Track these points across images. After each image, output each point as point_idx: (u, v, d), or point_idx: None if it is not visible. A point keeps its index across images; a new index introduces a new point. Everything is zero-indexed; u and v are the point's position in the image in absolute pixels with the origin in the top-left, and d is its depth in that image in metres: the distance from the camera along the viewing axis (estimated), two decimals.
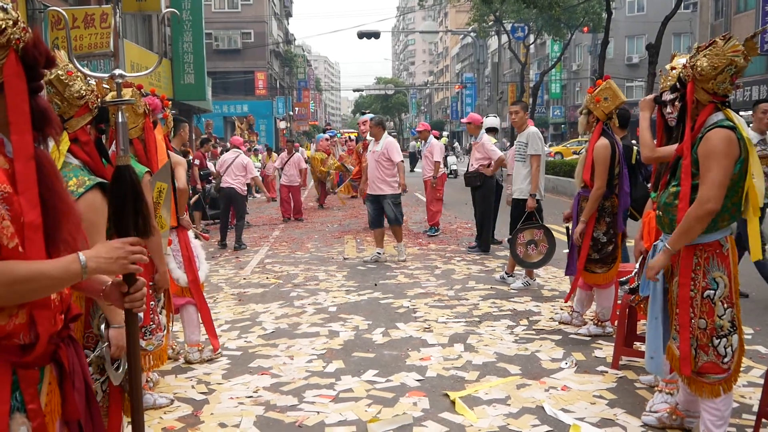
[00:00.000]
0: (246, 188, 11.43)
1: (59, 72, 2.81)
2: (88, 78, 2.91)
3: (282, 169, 15.24)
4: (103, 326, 2.84)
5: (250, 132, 17.76)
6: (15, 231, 1.63)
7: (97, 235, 2.48)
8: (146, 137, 3.96)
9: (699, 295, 3.25)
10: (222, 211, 11.50)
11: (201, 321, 5.14)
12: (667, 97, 3.61)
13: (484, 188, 9.53)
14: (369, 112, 13.69)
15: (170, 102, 4.98)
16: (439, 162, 11.62)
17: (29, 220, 1.65)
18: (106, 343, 2.78)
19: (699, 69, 3.17)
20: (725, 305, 3.24)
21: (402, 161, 9.35)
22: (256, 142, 22.15)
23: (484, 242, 9.74)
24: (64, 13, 2.28)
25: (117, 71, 2.13)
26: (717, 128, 3.15)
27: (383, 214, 9.32)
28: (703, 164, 3.14)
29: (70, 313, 1.89)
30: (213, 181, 11.86)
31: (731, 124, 3.17)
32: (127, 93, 3.67)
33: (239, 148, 11.37)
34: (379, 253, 9.28)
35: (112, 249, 1.80)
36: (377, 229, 9.46)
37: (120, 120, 2.07)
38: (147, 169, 3.76)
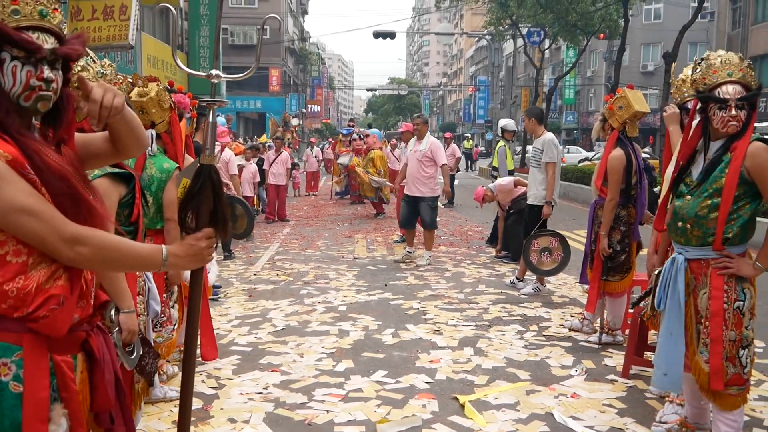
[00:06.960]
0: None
1: (93, 66, 2.83)
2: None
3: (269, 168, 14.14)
4: (113, 312, 2.86)
5: (285, 129, 17.67)
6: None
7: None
8: (172, 131, 3.98)
9: (731, 306, 3.24)
10: None
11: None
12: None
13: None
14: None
15: (197, 101, 4.96)
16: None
17: None
18: (117, 328, 2.79)
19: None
20: (749, 315, 3.26)
21: (446, 164, 9.19)
22: (290, 139, 21.66)
23: (515, 251, 8.81)
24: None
25: (214, 71, 2.16)
26: (755, 142, 3.15)
27: (416, 216, 9.13)
28: (759, 178, 3.14)
29: (97, 300, 1.93)
30: None
31: (763, 137, 3.19)
32: (152, 88, 3.68)
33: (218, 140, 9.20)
34: (410, 252, 9.21)
35: (188, 247, 1.90)
36: (409, 229, 9.35)
37: (210, 120, 2.11)
38: (177, 165, 3.79)
